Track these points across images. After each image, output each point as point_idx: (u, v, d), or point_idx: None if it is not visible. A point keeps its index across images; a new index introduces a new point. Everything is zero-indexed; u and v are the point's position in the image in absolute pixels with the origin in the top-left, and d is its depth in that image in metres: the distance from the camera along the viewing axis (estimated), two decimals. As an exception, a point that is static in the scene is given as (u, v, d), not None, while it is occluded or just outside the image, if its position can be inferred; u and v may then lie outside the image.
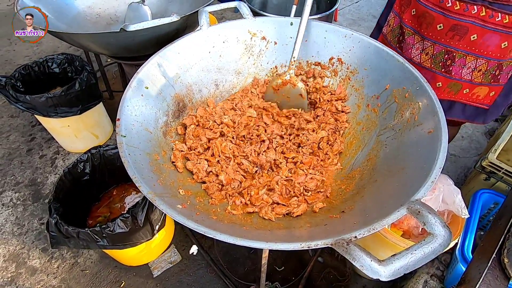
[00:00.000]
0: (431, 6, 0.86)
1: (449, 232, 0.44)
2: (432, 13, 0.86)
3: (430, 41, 0.91)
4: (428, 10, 0.86)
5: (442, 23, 0.86)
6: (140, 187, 0.54)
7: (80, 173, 1.17)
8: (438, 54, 0.91)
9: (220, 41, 0.96)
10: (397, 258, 0.42)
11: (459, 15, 0.82)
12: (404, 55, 0.98)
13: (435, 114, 0.67)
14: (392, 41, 1.02)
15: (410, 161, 0.65)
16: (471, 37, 0.84)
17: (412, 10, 0.92)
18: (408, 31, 0.95)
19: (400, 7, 0.97)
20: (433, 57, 0.92)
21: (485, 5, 0.78)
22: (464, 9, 0.81)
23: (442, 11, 0.84)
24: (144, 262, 1.31)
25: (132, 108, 0.72)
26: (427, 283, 1.08)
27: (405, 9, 0.94)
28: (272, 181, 0.74)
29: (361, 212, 0.58)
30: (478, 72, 0.91)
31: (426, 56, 0.94)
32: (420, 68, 0.94)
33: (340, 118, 0.88)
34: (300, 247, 0.46)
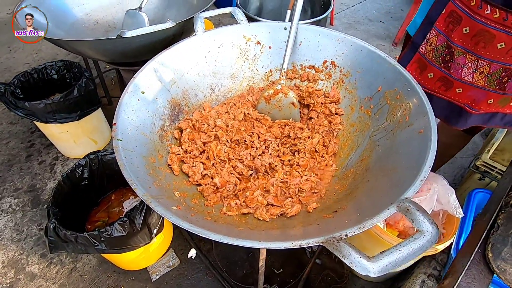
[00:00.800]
0: (492, 24, 0.80)
1: (436, 228, 0.46)
2: (492, 32, 0.81)
3: (486, 60, 0.86)
4: (488, 28, 0.81)
5: (504, 41, 0.81)
6: (136, 189, 0.55)
7: (78, 178, 1.18)
8: (495, 72, 0.88)
9: (215, 46, 0.98)
10: (385, 255, 0.43)
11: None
12: (453, 75, 0.93)
13: (425, 114, 0.69)
14: (435, 61, 0.96)
15: (401, 161, 0.66)
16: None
17: (464, 28, 0.86)
18: (458, 51, 0.89)
19: (447, 25, 0.90)
20: (488, 75, 0.89)
21: None
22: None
23: (505, 30, 0.79)
24: (142, 266, 1.31)
25: (129, 112, 0.74)
26: (424, 283, 1.09)
27: (455, 27, 0.88)
28: (268, 183, 0.75)
29: (353, 211, 0.59)
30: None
31: (480, 75, 0.90)
32: (471, 88, 0.93)
33: (333, 120, 0.90)
34: (292, 245, 0.47)
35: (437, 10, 0.89)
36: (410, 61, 1.00)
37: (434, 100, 1.02)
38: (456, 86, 0.94)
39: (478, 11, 0.80)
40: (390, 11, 3.32)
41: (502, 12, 0.77)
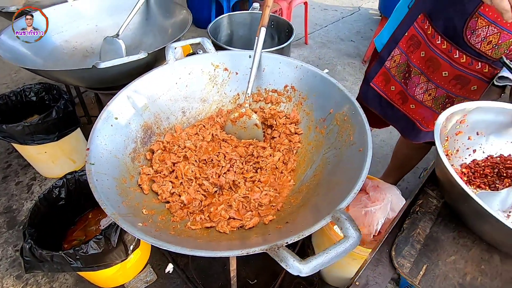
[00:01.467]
0: (440, 53, 0.90)
1: (359, 234, 0.55)
2: (440, 60, 0.90)
3: (434, 84, 0.96)
4: (437, 56, 0.91)
5: (447, 71, 0.91)
6: (105, 209, 0.62)
7: (55, 198, 1.22)
8: (440, 97, 0.97)
9: (186, 73, 1.07)
10: (314, 258, 0.51)
11: (464, 68, 0.88)
12: (409, 91, 1.03)
13: (365, 134, 0.79)
14: (397, 76, 1.06)
15: (344, 176, 0.76)
16: (471, 87, 0.91)
17: (421, 52, 0.95)
18: (415, 71, 0.99)
19: (408, 47, 0.99)
20: (435, 99, 0.98)
21: (489, 63, 0.84)
22: (469, 63, 0.86)
23: (449, 60, 0.88)
24: (120, 283, 1.34)
25: (102, 137, 0.80)
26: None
27: (414, 49, 0.97)
28: (231, 199, 0.83)
29: (300, 222, 0.68)
30: None
31: (428, 97, 1.00)
32: (422, 106, 1.03)
33: (293, 139, 1.00)
34: (240, 253, 0.55)
35: (401, 31, 1.00)
36: (377, 73, 1.12)
37: (394, 110, 1.14)
38: (410, 101, 1.06)
39: (432, 39, 0.92)
40: (360, 31, 3.55)
41: (448, 44, 0.88)
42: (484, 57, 0.85)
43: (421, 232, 0.55)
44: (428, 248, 0.53)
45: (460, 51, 0.86)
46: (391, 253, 0.53)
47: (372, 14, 3.97)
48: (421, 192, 0.64)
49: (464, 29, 0.83)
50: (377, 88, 1.14)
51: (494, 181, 0.61)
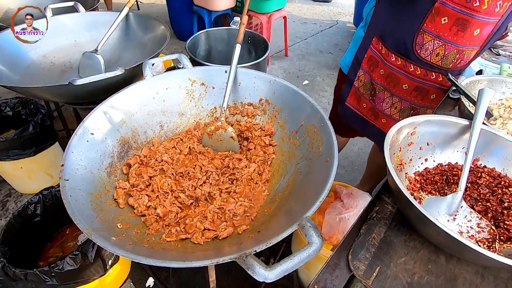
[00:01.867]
0: (397, 69, 0.98)
1: (321, 240, 0.58)
2: (398, 75, 0.99)
3: (398, 98, 1.04)
4: (395, 72, 0.99)
5: (407, 83, 0.99)
6: (78, 224, 0.63)
7: (30, 215, 1.20)
8: (405, 109, 1.05)
9: (164, 88, 1.10)
10: (279, 264, 0.55)
11: (420, 79, 0.97)
12: (377, 107, 1.10)
13: (332, 146, 0.84)
14: (365, 94, 1.14)
15: (312, 186, 0.80)
16: (431, 96, 1.00)
17: (380, 70, 1.04)
18: (378, 88, 1.07)
19: (369, 67, 1.08)
20: (401, 111, 1.06)
21: (441, 73, 0.93)
22: (424, 74, 0.95)
23: (406, 74, 0.97)
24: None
25: (77, 153, 0.82)
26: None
27: (374, 68, 1.06)
28: (206, 211, 0.85)
29: (270, 231, 0.71)
30: None
31: (395, 110, 1.07)
32: (391, 120, 1.10)
33: (268, 150, 1.04)
34: (211, 263, 0.57)
35: (361, 54, 1.10)
36: (349, 93, 1.20)
37: (369, 126, 1.21)
38: (381, 117, 1.14)
39: (387, 58, 1.00)
40: (338, 44, 3.70)
41: (402, 60, 0.96)
42: (436, 67, 0.92)
43: (376, 236, 0.60)
44: (381, 251, 0.57)
45: (414, 64, 0.94)
46: (348, 257, 0.57)
47: (349, 27, 4.15)
48: (377, 199, 0.69)
49: (414, 45, 0.92)
50: (352, 106, 1.22)
51: (443, 187, 0.67)
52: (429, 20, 0.84)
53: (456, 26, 0.81)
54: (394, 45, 0.96)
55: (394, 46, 0.96)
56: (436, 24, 0.83)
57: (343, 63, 1.31)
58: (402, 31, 0.91)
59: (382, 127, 1.15)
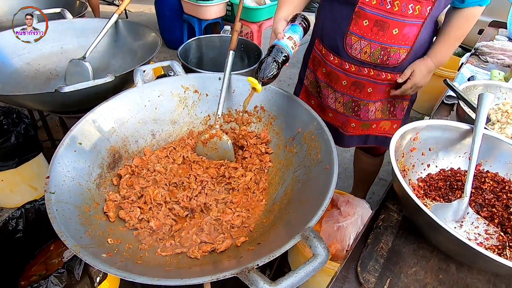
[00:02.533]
0: (335, 67, 1.07)
1: (327, 252, 0.56)
2: (337, 72, 1.08)
3: (339, 93, 1.12)
4: (334, 70, 1.08)
5: (345, 80, 1.08)
6: (65, 241, 0.58)
7: (12, 231, 1.13)
8: (348, 102, 1.13)
9: (155, 95, 1.06)
10: (285, 279, 0.51)
11: (356, 74, 1.05)
12: (324, 103, 1.18)
13: (331, 152, 0.82)
14: (313, 92, 1.23)
15: (312, 194, 0.77)
16: (368, 90, 1.08)
17: (323, 69, 1.13)
18: (323, 85, 1.16)
19: (313, 66, 1.18)
20: (344, 104, 1.14)
21: (371, 67, 1.02)
22: (358, 70, 1.04)
23: (343, 71, 1.06)
24: (85, 320, 1.24)
25: (64, 164, 0.77)
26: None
27: (318, 68, 1.15)
28: (202, 222, 0.81)
29: (271, 242, 0.68)
30: (378, 112, 1.15)
31: (339, 104, 1.15)
32: (337, 114, 1.18)
33: (264, 159, 1.01)
34: (211, 279, 0.53)
35: (308, 54, 1.21)
36: (300, 91, 1.29)
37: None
38: (328, 111, 1.21)
39: (326, 57, 1.09)
40: (327, 52, 3.74)
41: (338, 59, 1.06)
42: (366, 63, 1.01)
43: (384, 246, 0.58)
44: (391, 262, 0.55)
45: (348, 62, 1.03)
46: (357, 269, 0.55)
47: (337, 36, 4.21)
48: (382, 207, 0.67)
49: (344, 46, 1.01)
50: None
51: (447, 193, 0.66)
52: (353, 24, 0.95)
53: (376, 27, 0.92)
54: (330, 45, 1.06)
55: (330, 46, 1.06)
56: (359, 26, 0.94)
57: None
58: (335, 33, 1.02)
59: (330, 121, 1.23)
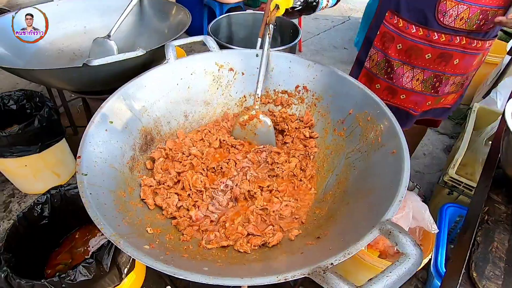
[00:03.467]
0: (418, 39, 0.98)
1: (420, 251, 0.45)
2: (420, 46, 0.99)
3: (420, 69, 1.03)
4: (416, 43, 0.99)
5: (430, 52, 0.99)
6: (103, 229, 0.50)
7: (37, 217, 1.07)
8: (428, 78, 1.05)
9: (188, 73, 0.97)
10: (373, 282, 0.41)
11: (445, 45, 0.96)
12: (396, 84, 1.09)
13: (396, 135, 0.71)
14: (379, 74, 1.12)
15: (377, 182, 0.67)
16: (454, 61, 1.00)
17: (397, 45, 1.03)
18: (396, 63, 1.06)
19: (383, 44, 1.07)
20: (424, 81, 1.06)
21: (465, 35, 0.94)
22: (449, 40, 0.95)
23: (429, 43, 0.97)
24: (112, 312, 1.18)
25: (95, 144, 0.69)
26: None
27: (390, 44, 1.05)
28: (247, 212, 0.72)
29: (335, 237, 0.58)
30: (453, 85, 1.08)
31: (417, 82, 1.07)
32: (411, 93, 1.09)
33: (309, 144, 0.90)
34: (277, 280, 0.44)
35: (373, 32, 1.09)
36: (359, 75, 1.17)
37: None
38: (400, 93, 1.10)
39: (406, 31, 0.99)
40: (352, 39, 3.56)
41: (424, 30, 0.96)
42: (460, 31, 0.93)
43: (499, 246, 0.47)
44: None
45: (437, 32, 0.94)
46: (471, 274, 0.44)
47: (362, 23, 4.02)
48: (486, 198, 0.55)
49: (436, 14, 0.92)
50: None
51: None
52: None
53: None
54: (414, 16, 0.96)
55: (414, 17, 0.96)
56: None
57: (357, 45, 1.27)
58: (421, 1, 0.93)
59: (401, 103, 1.13)
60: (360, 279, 1.10)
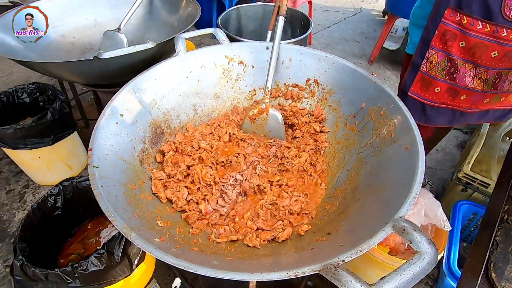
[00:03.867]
0: (485, 36, 0.91)
1: (435, 249, 0.44)
2: (486, 43, 0.92)
3: (483, 68, 0.97)
4: (482, 40, 0.92)
5: (497, 50, 0.92)
6: (114, 221, 0.50)
7: (50, 208, 1.09)
8: (491, 77, 0.98)
9: (198, 66, 0.96)
10: (386, 281, 0.40)
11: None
12: (458, 84, 1.02)
13: (410, 130, 0.69)
14: (439, 76, 1.05)
15: (390, 178, 0.65)
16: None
17: (460, 42, 0.97)
18: (459, 62, 0.99)
19: (444, 43, 1.00)
20: (486, 81, 0.99)
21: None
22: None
23: (497, 40, 0.90)
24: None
25: (106, 137, 0.69)
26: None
27: (452, 43, 0.98)
28: (257, 206, 0.72)
29: (347, 233, 0.57)
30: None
31: (478, 81, 1.00)
32: (473, 93, 1.03)
33: (319, 138, 0.89)
34: (287, 275, 0.44)
35: (431, 32, 1.00)
36: (413, 81, 1.08)
37: (440, 112, 1.11)
38: (461, 93, 1.04)
39: (471, 27, 0.92)
40: (364, 32, 3.48)
41: (491, 26, 0.89)
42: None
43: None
44: (532, 267, 0.43)
45: (506, 28, 0.87)
46: (490, 274, 0.43)
47: (374, 15, 3.92)
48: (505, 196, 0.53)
49: (502, 8, 0.85)
50: (417, 96, 1.10)
51: None
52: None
53: None
54: (479, 11, 0.89)
55: (479, 12, 0.89)
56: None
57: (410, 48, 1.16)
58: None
59: (458, 105, 1.06)
60: (370, 276, 1.09)
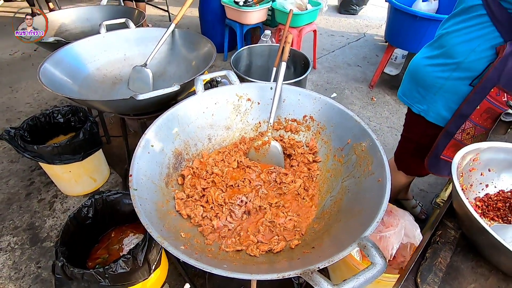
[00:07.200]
0: None
1: (385, 261, 0.60)
2: None
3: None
4: None
5: None
6: (151, 232, 0.68)
7: (84, 217, 1.29)
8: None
9: (213, 103, 1.16)
10: (346, 282, 0.57)
11: None
12: None
13: (383, 166, 0.86)
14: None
15: (365, 204, 0.82)
16: None
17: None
18: None
19: (485, 119, 1.00)
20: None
21: None
22: None
23: None
24: (139, 302, 1.37)
25: (141, 164, 0.88)
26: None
27: (494, 121, 0.98)
28: (258, 223, 0.89)
29: (326, 248, 0.74)
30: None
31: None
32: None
33: (312, 167, 1.06)
34: (277, 277, 0.60)
35: (471, 106, 1.01)
36: (446, 146, 1.14)
37: None
38: None
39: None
40: (366, 57, 3.69)
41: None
42: None
43: (442, 261, 0.61)
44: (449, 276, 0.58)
45: None
46: (417, 280, 0.59)
47: (377, 40, 4.13)
48: (440, 224, 0.70)
49: None
50: (449, 158, 1.13)
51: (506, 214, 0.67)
52: None
53: None
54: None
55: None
56: None
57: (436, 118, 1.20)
58: None
59: None
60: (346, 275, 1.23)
